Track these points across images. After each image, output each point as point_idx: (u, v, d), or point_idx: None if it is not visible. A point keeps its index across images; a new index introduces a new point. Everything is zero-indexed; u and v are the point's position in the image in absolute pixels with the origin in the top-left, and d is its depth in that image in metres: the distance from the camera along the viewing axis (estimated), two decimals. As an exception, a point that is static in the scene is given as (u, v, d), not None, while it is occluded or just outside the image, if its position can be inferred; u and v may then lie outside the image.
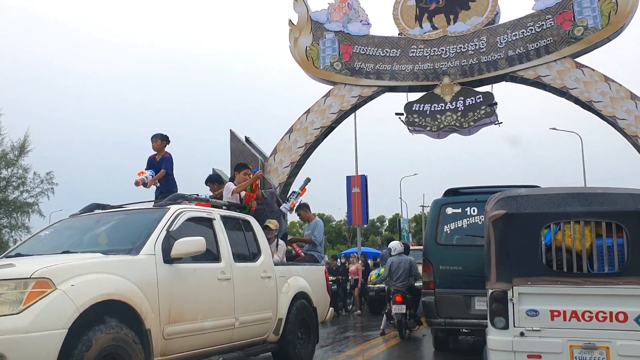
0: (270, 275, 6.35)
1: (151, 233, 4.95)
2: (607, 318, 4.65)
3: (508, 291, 4.89)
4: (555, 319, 4.77)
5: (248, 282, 5.96)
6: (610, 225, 4.75)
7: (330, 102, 18.18)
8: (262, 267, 6.30)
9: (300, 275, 7.07)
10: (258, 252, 6.40)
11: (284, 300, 6.52)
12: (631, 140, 15.60)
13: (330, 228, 61.06)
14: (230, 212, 6.39)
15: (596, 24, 15.96)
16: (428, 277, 7.92)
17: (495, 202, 5.18)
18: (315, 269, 7.69)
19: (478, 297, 7.25)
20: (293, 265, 7.27)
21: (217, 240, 5.71)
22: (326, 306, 7.70)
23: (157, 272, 4.74)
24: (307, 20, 18.78)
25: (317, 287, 7.36)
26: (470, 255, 7.42)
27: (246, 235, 6.35)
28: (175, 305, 4.85)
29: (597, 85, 15.86)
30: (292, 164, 18.18)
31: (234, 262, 5.77)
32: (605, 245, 4.75)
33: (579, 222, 4.82)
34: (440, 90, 17.15)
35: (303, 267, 7.38)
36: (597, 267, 4.77)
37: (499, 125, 17.48)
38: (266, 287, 6.27)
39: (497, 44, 16.95)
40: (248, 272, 6.03)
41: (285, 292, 6.59)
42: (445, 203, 8.07)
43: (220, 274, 5.53)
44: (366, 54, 18.10)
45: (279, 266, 6.69)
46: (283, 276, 6.66)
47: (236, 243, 6.05)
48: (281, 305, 6.46)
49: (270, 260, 6.51)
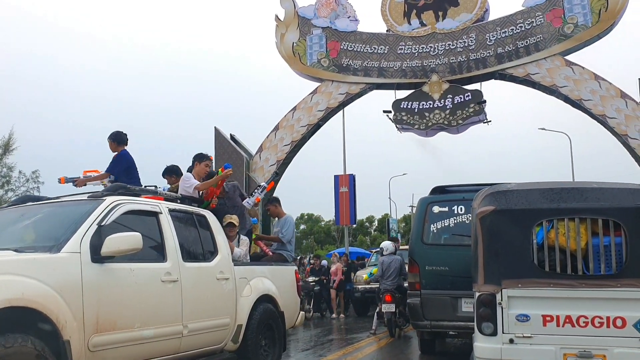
0: (228, 277, 5.65)
1: (78, 228, 4.29)
2: (604, 324, 4.27)
3: (496, 294, 4.49)
4: (548, 325, 4.38)
5: (200, 284, 5.27)
6: (608, 222, 4.37)
7: (317, 99, 17.77)
8: (219, 267, 5.59)
9: (266, 276, 6.37)
10: (214, 250, 5.69)
11: (245, 304, 5.80)
12: (621, 139, 15.33)
13: (319, 228, 60.69)
14: (182, 206, 5.67)
15: (586, 22, 15.68)
16: (414, 277, 7.60)
17: (483, 197, 4.77)
18: (283, 269, 7.00)
19: (465, 298, 6.94)
20: (257, 266, 6.58)
21: (162, 237, 5.01)
22: (296, 310, 7.02)
23: (82, 273, 4.09)
24: (294, 16, 18.37)
25: (285, 289, 6.66)
26: (458, 256, 7.10)
27: (200, 231, 5.64)
28: (105, 312, 4.20)
29: (587, 83, 15.58)
30: (278, 162, 17.75)
31: (183, 262, 5.09)
32: (602, 244, 4.37)
33: (574, 219, 4.43)
34: (428, 88, 16.81)
35: (269, 268, 6.68)
36: (593, 268, 4.38)
37: (488, 123, 17.18)
38: (223, 290, 5.57)
39: (487, 41, 16.63)
40: (200, 273, 5.35)
41: (246, 295, 5.86)
42: (432, 201, 7.74)
43: (165, 275, 4.84)
44: (354, 51, 17.72)
45: (239, 266, 5.99)
46: (244, 277, 5.94)
47: (187, 240, 5.38)
48: (241, 310, 5.74)
49: (229, 260, 5.81)
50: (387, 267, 10.20)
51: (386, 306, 9.79)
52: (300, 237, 61.68)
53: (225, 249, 5.82)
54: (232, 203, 6.84)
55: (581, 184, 4.70)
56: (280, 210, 7.99)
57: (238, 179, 17.95)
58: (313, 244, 55.61)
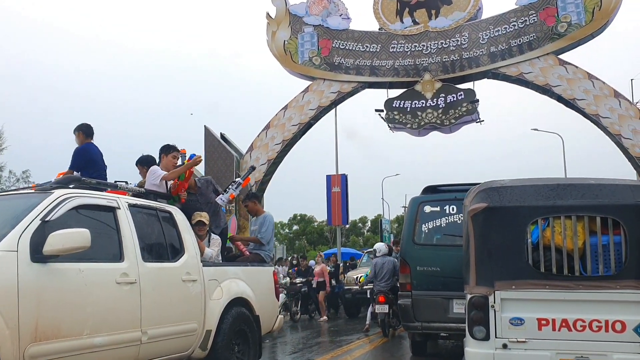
0: (195, 278, 5.21)
1: (17, 223, 3.85)
2: (602, 328, 4.04)
3: (489, 296, 4.25)
4: (543, 329, 4.15)
5: (163, 286, 4.85)
6: (606, 220, 4.14)
7: (308, 98, 17.50)
8: (185, 268, 5.14)
9: (240, 277, 5.90)
10: (180, 250, 5.24)
11: (215, 308, 5.35)
12: (614, 139, 15.15)
13: (312, 229, 60.36)
14: (144, 201, 5.21)
15: (580, 20, 15.50)
16: (405, 278, 7.45)
17: (475, 194, 4.52)
18: (260, 270, 6.54)
19: (456, 299, 6.81)
20: (230, 266, 6.10)
21: (120, 235, 4.57)
22: (274, 314, 6.57)
23: (18, 274, 3.65)
24: (285, 14, 18.10)
25: (262, 291, 6.19)
26: (449, 256, 6.96)
27: (165, 229, 5.20)
28: (46, 317, 3.76)
29: (580, 82, 15.39)
30: (269, 161, 17.47)
31: (143, 262, 4.67)
32: (600, 243, 4.15)
33: (571, 217, 4.20)
34: (421, 87, 16.57)
35: (244, 269, 6.21)
36: (591, 268, 4.16)
37: (481, 123, 16.99)
38: (189, 293, 5.13)
39: (479, 40, 16.41)
40: (163, 274, 4.92)
41: (216, 298, 5.42)
42: (423, 201, 7.60)
43: (121, 277, 4.40)
44: (346, 49, 17.47)
45: (209, 267, 5.54)
46: (215, 279, 5.50)
47: (149, 238, 4.95)
48: (210, 314, 5.29)
49: (197, 260, 5.35)
50: (380, 269, 10.23)
51: (380, 307, 9.84)
52: (292, 237, 61.38)
53: (193, 249, 5.38)
54: (205, 199, 6.34)
55: (578, 180, 4.46)
56: (258, 207, 7.52)
57: (228, 179, 17.67)
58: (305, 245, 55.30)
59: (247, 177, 6.78)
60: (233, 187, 6.47)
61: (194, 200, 6.19)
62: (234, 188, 6.44)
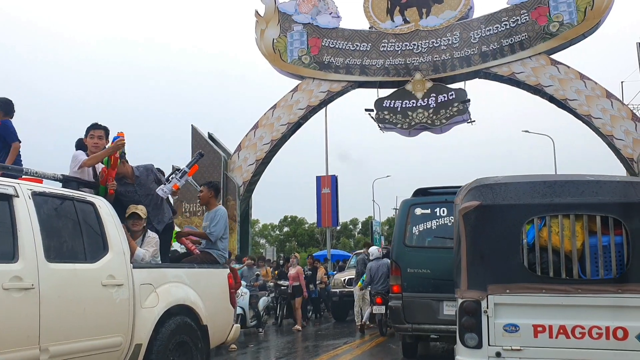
0: (121, 283, 4.42)
1: None
2: (603, 335, 3.76)
3: (482, 301, 3.95)
4: (540, 336, 3.86)
5: (74, 292, 4.04)
6: (607, 219, 3.86)
7: (297, 97, 17.24)
8: (107, 270, 4.35)
9: (182, 281, 5.08)
10: (103, 248, 4.44)
11: (148, 318, 4.56)
12: (606, 140, 15.00)
13: (303, 231, 59.99)
14: (55, 189, 4.45)
15: (572, 20, 15.35)
16: (395, 280, 7.40)
17: (467, 191, 4.23)
18: (210, 272, 5.69)
19: (447, 301, 6.76)
20: (171, 268, 5.23)
21: (15, 229, 3.80)
22: (228, 322, 5.73)
23: None
24: (274, 12, 17.83)
25: (212, 297, 5.40)
26: (440, 258, 6.91)
27: (83, 224, 4.40)
28: None
29: (572, 82, 15.24)
30: (257, 161, 17.19)
31: (47, 262, 3.91)
32: (601, 244, 3.86)
33: (569, 215, 3.92)
34: (411, 87, 16.37)
35: (189, 271, 5.32)
36: (591, 271, 3.87)
37: (472, 123, 16.82)
38: (112, 300, 4.31)
39: (471, 39, 16.23)
40: (75, 277, 4.11)
41: (150, 305, 4.61)
42: (414, 203, 7.56)
43: (12, 280, 3.61)
44: (335, 48, 17.22)
45: (142, 269, 4.73)
46: (149, 283, 4.69)
47: (59, 234, 4.19)
48: (141, 325, 4.50)
49: (124, 261, 4.55)
50: (375, 272, 10.39)
51: (377, 308, 10.14)
52: (283, 239, 60.97)
53: (120, 247, 4.56)
54: (145, 190, 5.50)
55: (577, 177, 4.17)
56: (212, 199, 6.58)
57: (215, 179, 17.34)
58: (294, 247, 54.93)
59: (194, 165, 5.84)
60: (177, 176, 5.61)
61: (131, 191, 5.40)
62: (178, 177, 5.59)
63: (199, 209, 17.06)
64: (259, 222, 58.54)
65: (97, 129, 5.27)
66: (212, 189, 6.50)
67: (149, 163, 5.77)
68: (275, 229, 63.21)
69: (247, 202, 17.65)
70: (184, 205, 17.09)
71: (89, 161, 5.10)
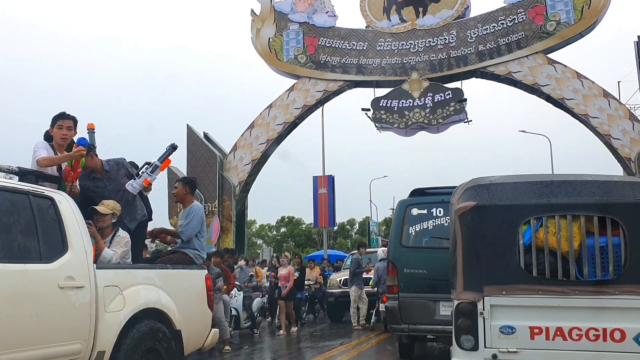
0: (81, 285, 4.07)
1: None
2: (600, 336, 3.72)
3: (478, 303, 3.91)
4: (536, 338, 3.82)
5: (23, 295, 3.71)
6: (604, 220, 3.82)
7: (293, 97, 17.18)
8: (65, 271, 4.01)
9: (153, 283, 4.75)
10: (62, 247, 4.12)
11: (113, 323, 4.24)
12: (604, 139, 14.98)
13: (300, 231, 59.90)
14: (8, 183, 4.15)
15: (569, 19, 15.33)
16: (392, 280, 7.40)
17: (463, 192, 4.19)
18: (185, 274, 5.33)
19: (443, 302, 6.77)
20: (140, 269, 4.90)
21: None
22: (205, 327, 5.40)
23: None
24: (270, 10, 17.77)
25: (187, 300, 5.09)
26: (436, 258, 6.88)
27: (39, 220, 4.08)
28: None
29: (569, 82, 15.22)
30: (253, 161, 17.12)
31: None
32: (598, 245, 3.83)
33: (566, 216, 3.88)
34: (408, 86, 16.32)
35: (161, 272, 4.98)
36: (588, 272, 3.83)
37: (469, 123, 16.76)
38: (71, 303, 3.97)
39: (468, 39, 16.19)
40: (26, 279, 3.78)
41: (115, 309, 4.28)
42: (410, 204, 7.57)
43: None
44: (332, 47, 17.17)
45: (108, 270, 4.42)
46: (114, 285, 4.37)
47: (9, 232, 3.88)
48: (105, 331, 4.17)
49: (86, 261, 4.20)
50: (382, 273, 10.58)
51: (383, 305, 10.37)
52: (280, 240, 60.87)
53: (81, 246, 4.23)
54: (115, 186, 5.16)
55: (574, 177, 4.13)
56: (188, 196, 6.11)
57: (211, 179, 17.28)
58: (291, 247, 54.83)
59: (166, 159, 5.44)
60: (148, 170, 5.25)
61: (100, 186, 5.10)
62: (149, 172, 5.24)
63: (194, 209, 16.98)
64: (256, 222, 58.43)
65: (66, 119, 4.93)
66: (187, 185, 6.13)
67: (121, 157, 5.44)
68: (272, 229, 63.08)
69: (243, 202, 17.58)
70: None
71: (44, 161, 4.72)
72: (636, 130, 14.55)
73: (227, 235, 16.88)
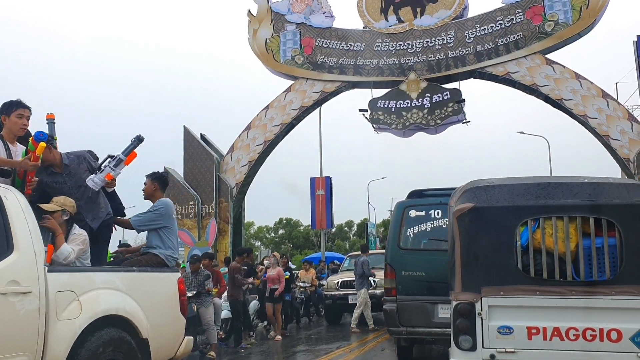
0: (28, 290, 3.70)
1: None
2: (597, 337, 3.79)
3: (476, 303, 3.98)
4: (534, 338, 3.89)
5: None
6: (600, 221, 3.89)
7: (290, 98, 17.25)
8: (8, 274, 3.64)
9: (116, 287, 4.35)
10: (7, 248, 3.77)
11: (66, 332, 3.84)
12: (602, 140, 15.07)
13: (298, 233, 59.99)
14: None
15: (567, 19, 15.43)
16: (390, 283, 7.35)
17: (461, 194, 4.26)
18: (155, 277, 4.94)
19: (441, 304, 6.73)
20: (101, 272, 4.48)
21: None
22: (177, 335, 4.97)
23: None
24: (267, 11, 17.84)
25: (156, 306, 4.69)
26: (434, 260, 6.84)
27: None
28: None
29: (567, 82, 15.32)
30: (250, 162, 17.17)
31: None
32: (594, 246, 3.90)
33: (562, 217, 3.95)
34: (406, 87, 16.40)
35: (124, 275, 4.56)
36: (584, 273, 3.91)
37: (467, 124, 16.84)
38: (14, 311, 3.61)
39: (465, 39, 16.28)
40: None
41: (70, 317, 3.89)
42: (408, 205, 7.53)
43: None
44: (329, 48, 17.24)
45: (60, 273, 4.04)
46: (69, 290, 3.98)
47: None
48: (56, 341, 3.79)
49: (34, 263, 3.82)
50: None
51: None
52: (278, 242, 60.94)
53: (29, 247, 3.86)
54: (76, 182, 4.78)
55: (570, 179, 4.21)
56: (158, 192, 5.56)
57: (208, 181, 17.34)
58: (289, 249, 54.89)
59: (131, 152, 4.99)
60: (111, 164, 4.83)
61: (60, 182, 4.75)
62: (112, 166, 4.82)
63: (190, 210, 17.04)
64: (254, 224, 58.51)
65: (27, 109, 4.51)
66: (156, 181, 5.59)
67: (83, 150, 5.04)
68: (270, 231, 63.13)
69: (240, 204, 17.63)
70: (175, 208, 17.06)
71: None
72: (635, 130, 14.66)
73: (224, 237, 16.93)
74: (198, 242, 16.72)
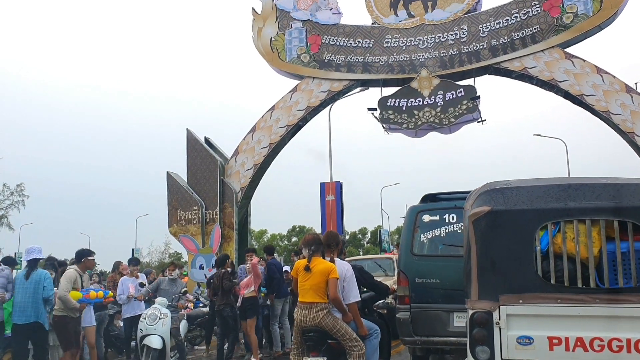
0: None
1: None
2: (624, 347, 3.74)
3: (493, 312, 3.94)
4: (555, 349, 3.84)
5: None
6: (625, 224, 3.85)
7: (297, 98, 17.25)
8: None
9: None
10: None
11: None
12: (627, 137, 14.93)
13: (308, 239, 60.17)
14: None
15: (587, 10, 15.31)
16: (403, 291, 7.31)
17: (477, 196, 4.23)
18: None
19: (457, 312, 6.75)
20: None
21: None
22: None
23: None
24: (272, 9, 17.87)
25: None
26: (449, 267, 6.87)
27: None
28: None
29: (588, 77, 15.19)
30: (255, 166, 17.19)
31: None
32: (619, 250, 3.85)
33: (585, 220, 3.91)
34: (417, 84, 16.33)
35: None
36: (609, 279, 3.86)
37: (483, 122, 16.73)
38: None
39: (479, 33, 16.21)
40: None
41: None
42: (421, 210, 7.49)
43: None
44: (336, 45, 17.23)
45: None
46: None
47: None
48: None
49: None
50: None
51: None
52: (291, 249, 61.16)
53: None
54: None
55: (593, 180, 4.16)
56: None
57: (212, 185, 17.37)
58: (301, 256, 55.03)
59: None
60: None
61: None
62: None
63: (194, 216, 17.07)
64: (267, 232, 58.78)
65: None
66: None
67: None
68: (283, 239, 63.35)
69: (246, 209, 17.65)
70: (179, 213, 17.12)
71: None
72: (661, 127, 14.53)
73: (229, 243, 16.94)
74: (202, 249, 16.75)
